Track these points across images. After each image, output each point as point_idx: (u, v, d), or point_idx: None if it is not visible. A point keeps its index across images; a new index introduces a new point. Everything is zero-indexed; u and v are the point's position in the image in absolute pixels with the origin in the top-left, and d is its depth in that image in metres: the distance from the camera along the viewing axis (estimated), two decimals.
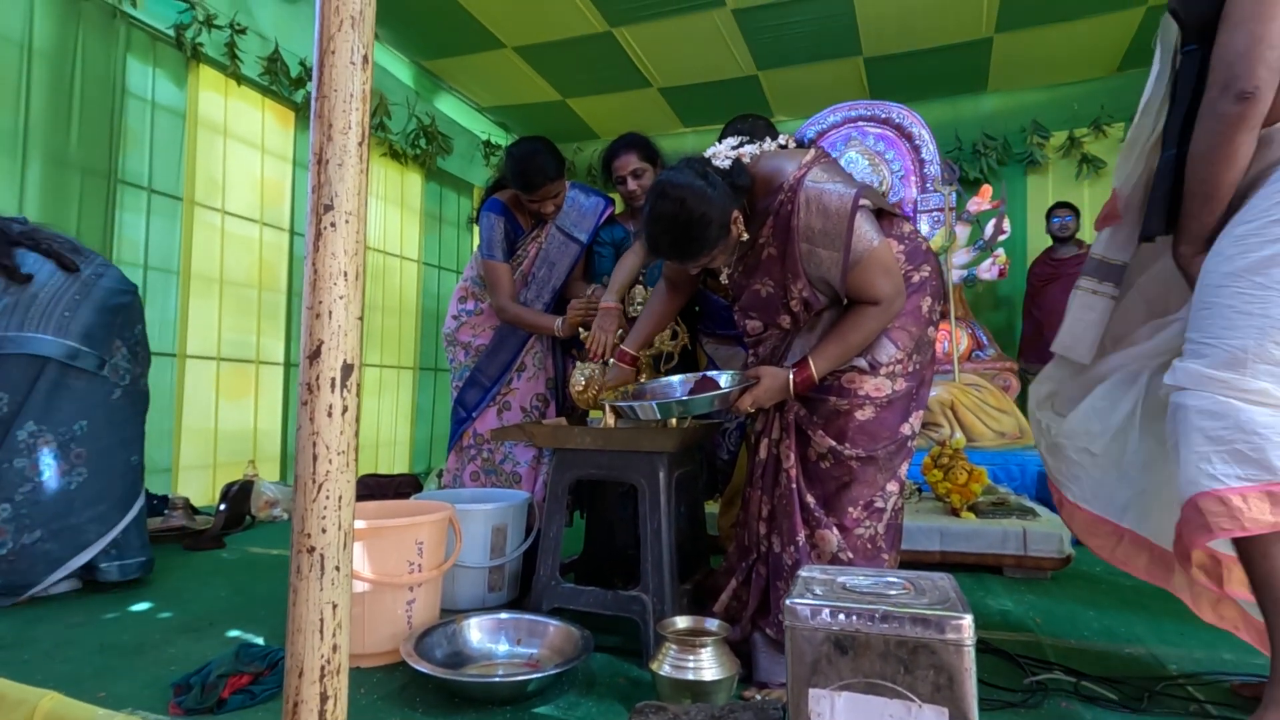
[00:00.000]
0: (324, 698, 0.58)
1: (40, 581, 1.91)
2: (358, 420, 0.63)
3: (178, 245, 3.41)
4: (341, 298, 0.60)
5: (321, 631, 0.59)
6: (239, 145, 3.77)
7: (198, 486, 3.49)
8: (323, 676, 0.58)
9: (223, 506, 2.97)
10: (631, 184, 2.17)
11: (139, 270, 3.24)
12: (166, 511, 2.90)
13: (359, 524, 1.53)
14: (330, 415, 0.60)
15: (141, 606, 1.95)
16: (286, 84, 3.89)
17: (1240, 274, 1.15)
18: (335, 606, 0.60)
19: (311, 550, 0.59)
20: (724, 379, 1.66)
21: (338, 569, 0.60)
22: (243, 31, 3.61)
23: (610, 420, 1.74)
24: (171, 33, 3.35)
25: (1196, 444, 1.16)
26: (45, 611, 1.89)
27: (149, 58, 3.30)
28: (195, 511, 3.02)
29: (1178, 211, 1.30)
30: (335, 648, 0.59)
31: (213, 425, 3.62)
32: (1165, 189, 1.31)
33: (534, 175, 2.07)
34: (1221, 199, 1.22)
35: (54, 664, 1.52)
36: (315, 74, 0.62)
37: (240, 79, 3.68)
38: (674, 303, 1.77)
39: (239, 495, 3.06)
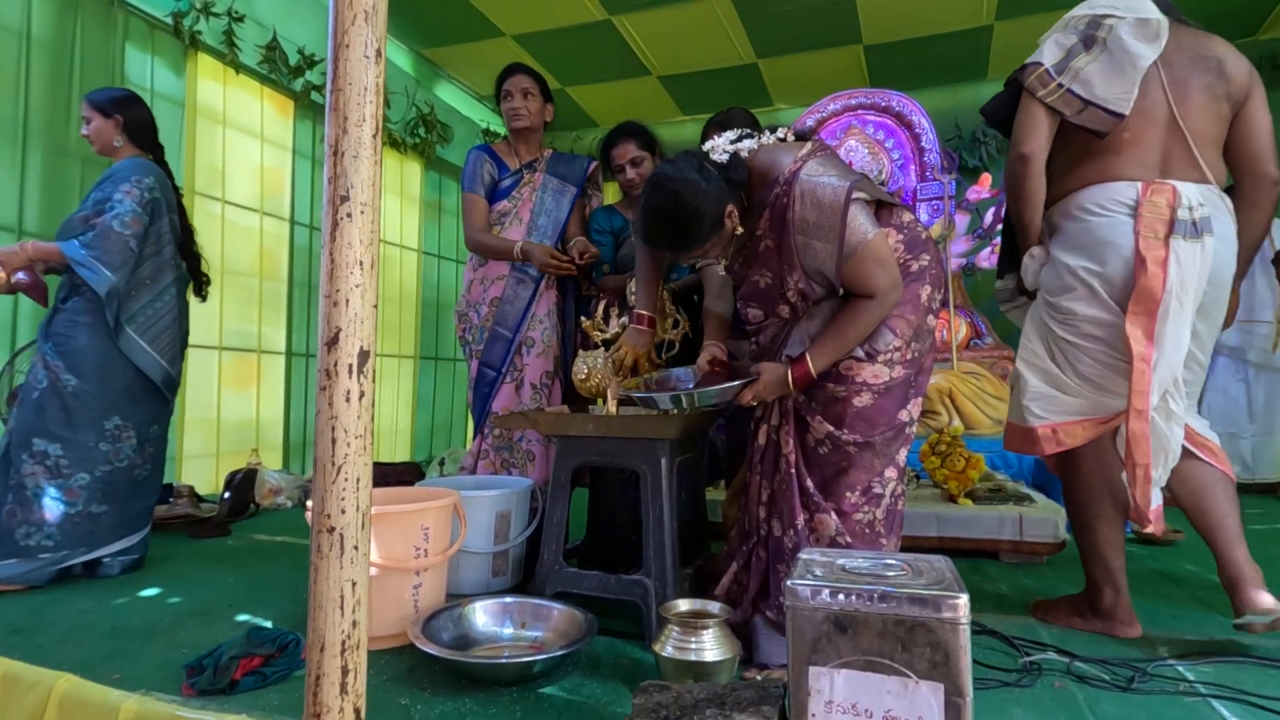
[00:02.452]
0: (345, 671, 0.61)
1: (94, 550, 2.09)
2: (374, 405, 0.65)
3: None
4: (358, 286, 0.62)
5: (342, 607, 0.61)
6: (238, 134, 3.77)
7: (201, 475, 3.52)
8: (344, 651, 0.61)
9: (227, 494, 3.00)
10: (630, 172, 2.19)
11: None
12: (171, 499, 2.93)
13: None
14: (348, 400, 0.62)
15: (151, 592, 1.98)
16: (285, 73, 3.88)
17: None
18: (354, 584, 0.62)
19: (332, 530, 0.61)
20: None
21: (356, 548, 0.62)
22: (241, 19, 3.59)
23: (612, 407, 1.77)
24: (169, 21, 3.34)
25: None
26: (56, 597, 1.92)
27: (147, 46, 3.29)
28: (200, 499, 3.05)
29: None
30: (355, 623, 0.62)
31: (215, 414, 3.64)
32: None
33: (513, 67, 2.32)
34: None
35: (67, 648, 1.55)
36: (330, 68, 0.63)
37: (239, 67, 3.67)
38: (660, 256, 1.81)
39: (243, 483, 3.09)
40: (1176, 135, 1.58)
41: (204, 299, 2.48)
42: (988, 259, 4.01)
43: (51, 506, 2.00)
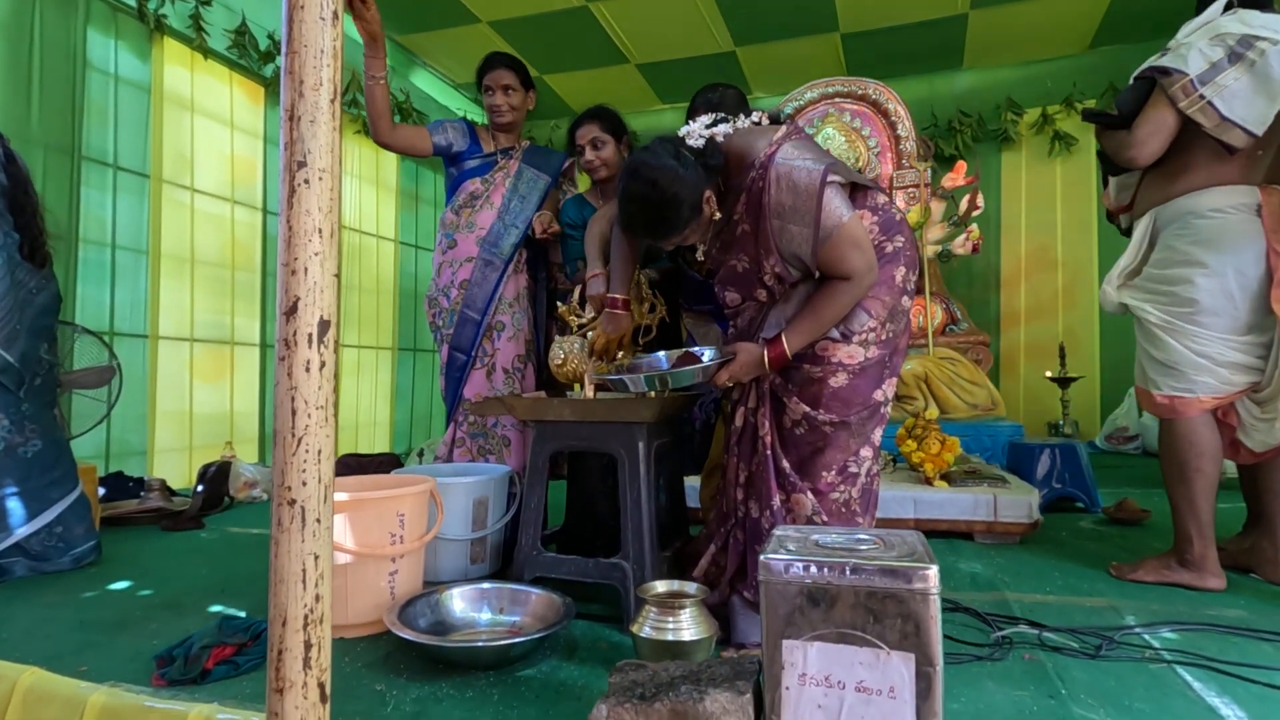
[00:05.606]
0: (308, 645, 0.60)
1: (10, 534, 1.99)
2: (336, 376, 0.64)
3: (146, 224, 3.34)
4: (317, 254, 0.61)
5: (304, 581, 0.60)
6: (207, 121, 3.69)
7: (174, 469, 3.46)
8: (306, 625, 0.60)
9: (200, 487, 2.95)
10: (589, 154, 2.18)
11: (106, 249, 3.17)
12: (143, 494, 2.87)
13: (341, 496, 1.54)
14: (308, 370, 0.60)
15: (121, 585, 1.94)
16: (255, 58, 3.80)
17: None
18: (317, 557, 0.61)
19: (293, 503, 0.60)
20: (706, 354, 1.68)
21: (319, 521, 0.61)
22: (208, 3, 3.51)
23: (589, 392, 1.76)
24: (134, 3, 3.25)
25: None
26: (21, 592, 1.87)
27: (110, 30, 3.20)
28: (172, 493, 2.99)
29: None
30: (318, 597, 0.61)
31: (188, 407, 3.57)
32: None
33: (493, 60, 2.31)
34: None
35: (33, 641, 1.52)
36: (285, 30, 0.62)
37: (207, 52, 3.59)
38: (636, 241, 1.80)
39: (217, 476, 3.04)
40: None
41: (40, 264, 2.14)
42: (963, 245, 4.06)
43: None
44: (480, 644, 1.43)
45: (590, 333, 1.86)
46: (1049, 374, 4.30)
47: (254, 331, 3.92)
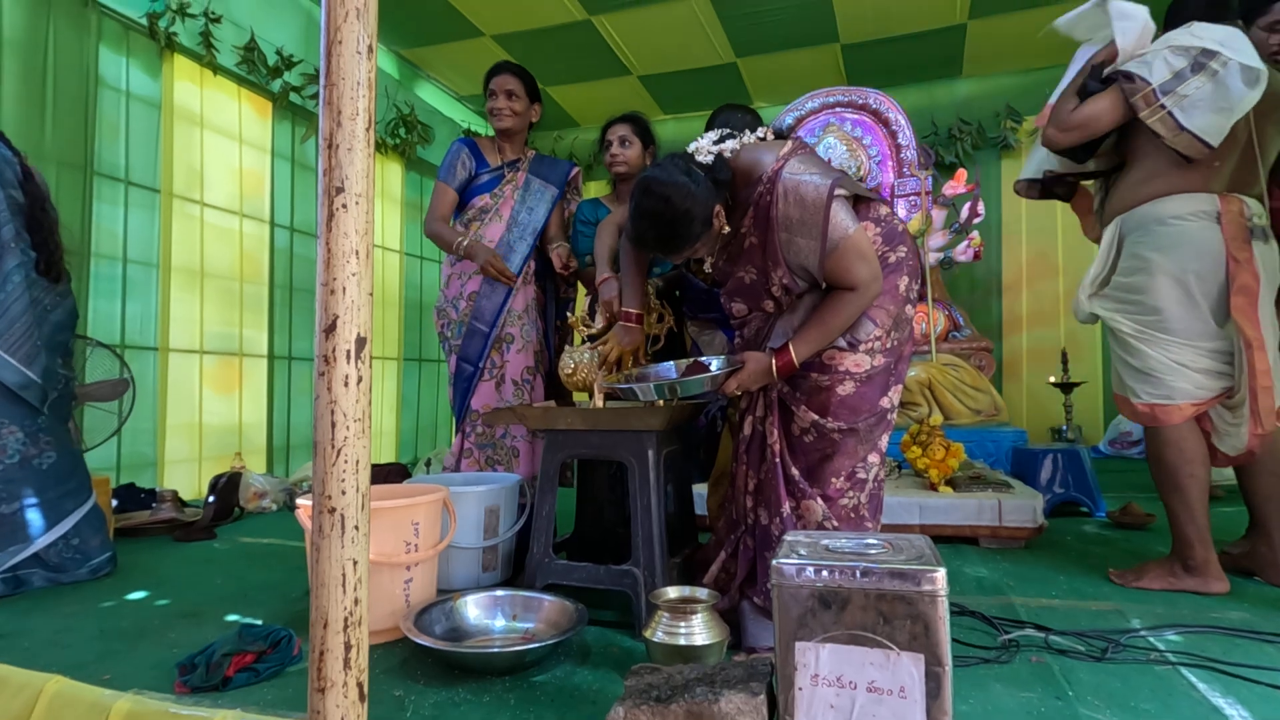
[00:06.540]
0: (348, 646, 0.62)
1: (29, 545, 2.01)
2: (370, 391, 0.67)
3: (157, 238, 3.38)
4: (354, 275, 0.64)
5: (344, 585, 0.63)
6: (216, 136, 3.74)
7: (184, 480, 3.48)
8: (346, 627, 0.63)
9: (211, 498, 2.98)
10: (615, 149, 2.25)
11: (118, 264, 3.21)
12: (155, 504, 2.90)
13: None
14: (346, 385, 0.63)
15: (138, 595, 1.97)
16: (264, 74, 3.85)
17: None
18: (355, 563, 0.64)
19: (333, 511, 0.63)
20: (714, 364, 1.72)
21: (357, 528, 0.64)
22: (217, 20, 3.57)
23: (599, 401, 1.79)
24: (144, 21, 3.31)
25: None
26: (40, 603, 1.90)
27: (122, 47, 3.26)
28: (184, 504, 3.02)
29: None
30: (357, 601, 0.64)
31: (197, 419, 3.60)
32: None
33: (501, 65, 2.35)
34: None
35: (55, 651, 1.54)
36: (323, 63, 0.65)
37: (216, 69, 3.64)
38: (644, 255, 1.85)
39: (227, 487, 3.06)
40: (1249, 157, 1.83)
41: (55, 279, 2.15)
42: (964, 253, 4.09)
43: None
44: (496, 650, 1.45)
45: (601, 344, 1.89)
46: (1052, 379, 4.32)
47: (262, 344, 3.96)
